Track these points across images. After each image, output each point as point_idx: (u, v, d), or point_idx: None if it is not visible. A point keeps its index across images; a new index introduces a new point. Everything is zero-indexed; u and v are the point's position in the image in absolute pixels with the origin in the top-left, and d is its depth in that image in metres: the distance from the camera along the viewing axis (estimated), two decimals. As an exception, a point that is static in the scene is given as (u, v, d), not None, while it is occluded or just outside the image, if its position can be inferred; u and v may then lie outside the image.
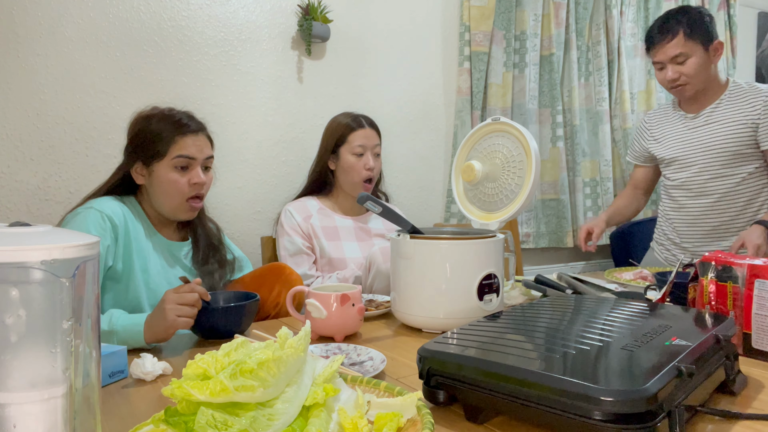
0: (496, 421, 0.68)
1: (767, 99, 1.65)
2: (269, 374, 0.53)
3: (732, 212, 1.74)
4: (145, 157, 1.23)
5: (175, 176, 1.23)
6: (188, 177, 1.25)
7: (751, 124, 1.66)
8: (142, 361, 0.85)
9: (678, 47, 1.65)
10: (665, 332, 0.72)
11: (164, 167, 1.23)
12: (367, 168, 1.69)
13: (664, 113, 1.89)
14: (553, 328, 0.77)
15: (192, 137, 1.25)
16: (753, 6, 3.49)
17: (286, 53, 2.04)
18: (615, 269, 1.66)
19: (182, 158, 1.23)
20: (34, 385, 0.44)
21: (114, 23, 1.73)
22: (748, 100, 1.68)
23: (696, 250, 1.82)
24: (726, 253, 0.96)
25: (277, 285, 1.31)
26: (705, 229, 1.78)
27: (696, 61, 1.65)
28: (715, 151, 1.71)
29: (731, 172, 1.70)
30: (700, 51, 1.65)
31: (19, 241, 0.45)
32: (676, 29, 1.64)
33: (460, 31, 2.41)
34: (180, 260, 1.32)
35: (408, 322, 1.11)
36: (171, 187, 1.23)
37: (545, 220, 2.64)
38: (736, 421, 0.66)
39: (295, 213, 1.69)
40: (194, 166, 1.26)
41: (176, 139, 1.23)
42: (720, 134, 1.70)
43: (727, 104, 1.71)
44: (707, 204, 1.75)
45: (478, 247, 1.06)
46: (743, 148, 1.67)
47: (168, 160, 1.23)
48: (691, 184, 1.78)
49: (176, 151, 1.23)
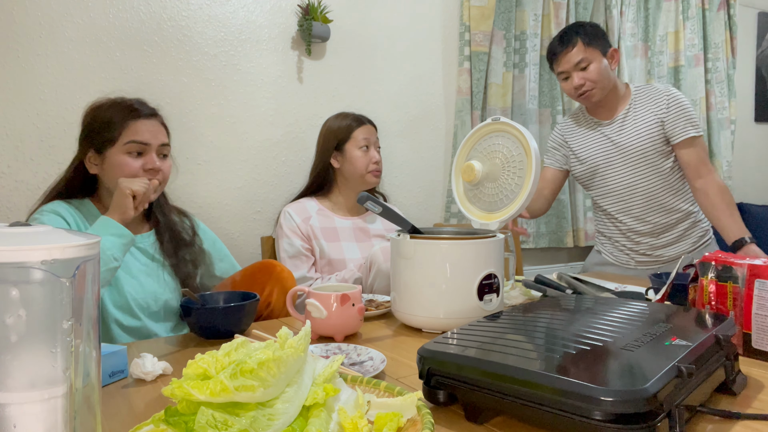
0: (496, 421, 0.68)
1: (668, 96, 1.76)
2: (269, 374, 0.53)
3: (667, 205, 1.82)
4: (97, 144, 1.21)
5: (127, 160, 1.21)
6: (142, 162, 1.22)
7: (659, 122, 1.76)
8: (142, 361, 0.85)
9: (579, 54, 1.75)
10: (665, 332, 0.72)
11: (116, 153, 1.20)
12: (374, 161, 1.73)
13: (576, 123, 1.95)
14: (553, 328, 0.77)
15: (144, 122, 1.23)
16: (753, 6, 3.49)
17: (286, 53, 2.04)
18: None
19: (135, 143, 1.21)
20: (34, 385, 0.44)
21: (114, 23, 1.73)
22: (652, 100, 1.78)
23: (650, 246, 1.88)
24: (726, 253, 0.96)
25: (268, 284, 1.29)
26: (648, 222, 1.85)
27: (597, 66, 1.75)
28: (637, 151, 1.79)
29: (654, 171, 1.80)
30: (600, 57, 1.76)
31: (19, 241, 0.45)
32: (575, 39, 1.76)
33: (460, 31, 2.41)
34: (146, 251, 1.30)
35: (408, 322, 1.11)
36: (123, 171, 1.20)
37: (545, 220, 2.64)
38: (736, 421, 0.66)
39: (294, 215, 1.69)
40: (148, 152, 1.23)
41: (128, 124, 1.21)
42: (636, 135, 1.79)
43: (637, 107, 1.81)
44: (643, 200, 1.83)
45: (478, 247, 1.06)
46: (659, 145, 1.77)
47: (120, 145, 1.20)
48: (622, 185, 1.84)
49: (128, 137, 1.20)
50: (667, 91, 1.77)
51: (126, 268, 1.23)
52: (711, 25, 3.11)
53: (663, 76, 2.96)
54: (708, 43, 3.11)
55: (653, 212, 1.83)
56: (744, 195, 3.48)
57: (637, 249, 1.90)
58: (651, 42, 2.90)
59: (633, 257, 1.92)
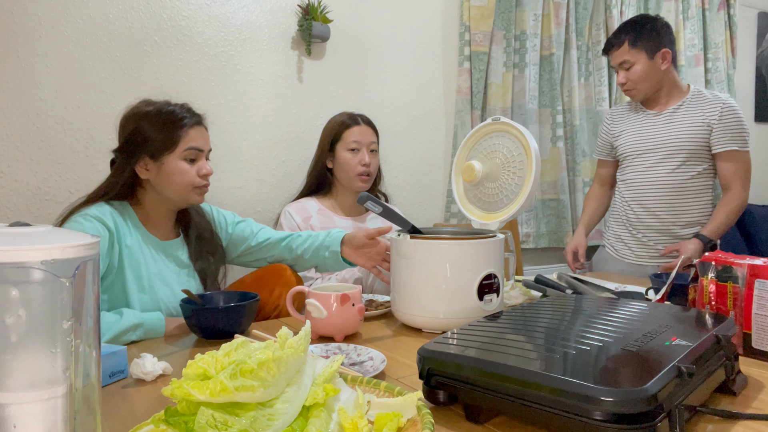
0: (496, 421, 0.68)
1: (724, 105, 1.76)
2: (269, 374, 0.53)
3: (680, 207, 1.84)
4: (153, 151, 1.24)
5: (185, 166, 1.25)
6: (197, 168, 1.27)
7: (707, 126, 1.78)
8: (142, 361, 0.85)
9: (622, 55, 1.80)
10: (665, 332, 0.72)
11: (174, 159, 1.24)
12: (362, 163, 1.69)
13: (627, 110, 1.99)
14: (553, 328, 0.77)
15: (198, 129, 1.28)
16: (753, 6, 3.49)
17: (286, 53, 2.04)
18: None
19: (192, 150, 1.26)
20: (34, 385, 0.44)
21: (114, 23, 1.73)
22: (708, 105, 1.80)
23: (650, 241, 1.90)
24: (726, 253, 0.96)
25: (277, 287, 1.31)
26: (657, 218, 1.87)
27: (640, 68, 1.79)
28: (674, 146, 1.82)
29: (684, 169, 1.82)
30: (644, 59, 1.79)
31: (19, 241, 0.45)
32: (622, 39, 1.81)
33: (460, 31, 2.41)
34: (176, 258, 1.32)
35: (408, 322, 1.11)
36: (181, 178, 1.25)
37: (545, 220, 2.64)
38: (736, 421, 0.66)
39: (294, 214, 1.69)
40: (201, 157, 1.29)
41: (186, 132, 1.25)
42: (679, 132, 1.81)
43: (689, 106, 1.83)
44: (660, 195, 1.85)
45: (478, 247, 1.06)
46: (697, 148, 1.79)
47: (179, 152, 1.24)
48: (647, 175, 1.87)
49: (187, 143, 1.25)
50: (726, 100, 1.78)
51: (161, 276, 1.26)
52: (711, 24, 3.11)
53: (663, 76, 2.96)
54: (708, 43, 3.11)
55: (665, 210, 1.85)
56: (744, 195, 3.47)
57: (639, 239, 1.91)
58: (651, 42, 2.90)
59: (633, 249, 1.92)
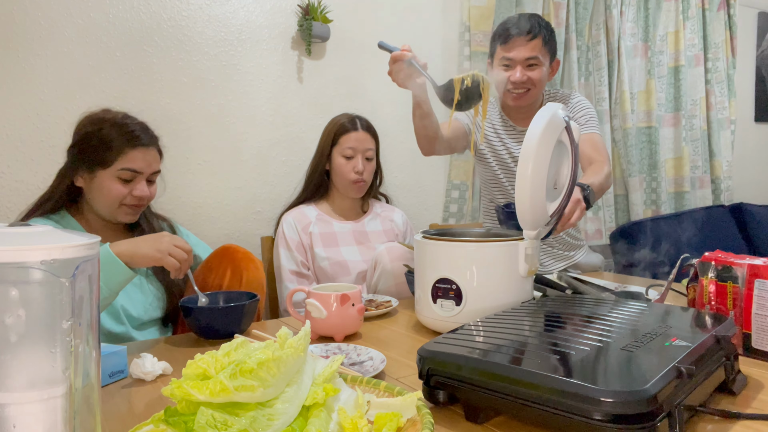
0: (496, 421, 0.68)
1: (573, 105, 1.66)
2: (269, 374, 0.53)
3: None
4: (89, 162, 1.20)
5: (117, 186, 1.21)
6: (130, 188, 1.23)
7: None
8: (142, 361, 0.85)
9: (536, 49, 1.57)
10: (665, 333, 0.72)
11: (107, 176, 1.20)
12: (356, 171, 1.66)
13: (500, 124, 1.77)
14: (553, 328, 0.77)
15: (142, 151, 1.23)
16: (753, 6, 3.49)
17: (286, 53, 2.04)
18: None
19: (127, 171, 1.21)
20: (34, 385, 0.44)
21: (114, 23, 1.73)
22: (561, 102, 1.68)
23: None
24: (726, 253, 0.96)
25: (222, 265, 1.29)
26: None
27: (544, 71, 1.60)
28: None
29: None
30: (547, 63, 1.61)
31: (19, 241, 0.45)
32: (538, 32, 1.56)
33: (460, 31, 2.40)
34: None
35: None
36: (109, 194, 1.21)
37: (545, 220, 2.64)
38: (736, 421, 0.66)
39: (295, 223, 1.67)
40: (139, 179, 1.24)
41: (126, 151, 1.20)
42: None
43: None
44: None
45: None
46: None
47: (113, 170, 1.20)
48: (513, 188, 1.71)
49: (123, 164, 1.20)
50: (572, 96, 1.69)
51: None
52: (711, 25, 3.11)
53: (663, 76, 2.96)
54: (708, 43, 3.11)
55: None
56: (744, 195, 3.47)
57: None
58: (651, 42, 2.90)
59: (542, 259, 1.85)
